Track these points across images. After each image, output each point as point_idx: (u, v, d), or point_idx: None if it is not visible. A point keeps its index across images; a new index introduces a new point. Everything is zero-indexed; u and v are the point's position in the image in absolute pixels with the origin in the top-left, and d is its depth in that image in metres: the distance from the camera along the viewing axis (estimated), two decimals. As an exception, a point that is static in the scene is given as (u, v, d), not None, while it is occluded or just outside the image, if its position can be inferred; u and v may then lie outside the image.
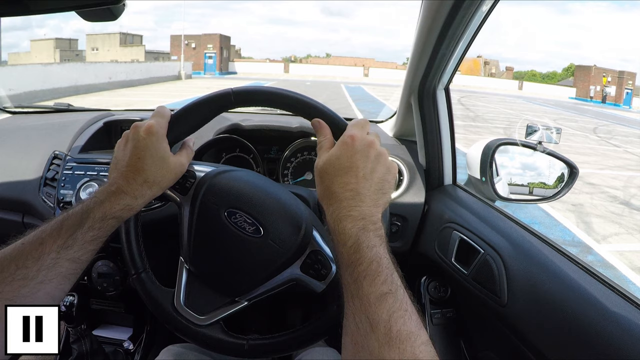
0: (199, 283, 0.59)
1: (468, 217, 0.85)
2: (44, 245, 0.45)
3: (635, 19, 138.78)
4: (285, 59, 53.75)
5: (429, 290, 0.99)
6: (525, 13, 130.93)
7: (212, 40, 34.43)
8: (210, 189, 0.58)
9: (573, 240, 3.58)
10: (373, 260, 0.42)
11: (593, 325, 0.54)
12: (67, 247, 0.46)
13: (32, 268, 0.44)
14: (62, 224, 0.47)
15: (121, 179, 0.51)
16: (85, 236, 0.47)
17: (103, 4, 0.56)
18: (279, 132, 1.06)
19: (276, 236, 0.57)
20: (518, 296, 0.66)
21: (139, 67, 18.88)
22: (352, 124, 0.52)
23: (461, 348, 0.93)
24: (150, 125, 0.52)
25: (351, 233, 0.44)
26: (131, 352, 1.12)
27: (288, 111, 0.59)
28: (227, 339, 0.59)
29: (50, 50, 32.18)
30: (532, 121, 0.95)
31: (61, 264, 0.46)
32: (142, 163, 0.51)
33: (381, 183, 0.49)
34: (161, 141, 0.53)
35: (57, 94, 9.81)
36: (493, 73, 49.46)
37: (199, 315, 0.59)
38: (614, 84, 37.17)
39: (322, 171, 0.49)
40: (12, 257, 0.44)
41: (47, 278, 0.44)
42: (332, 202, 0.48)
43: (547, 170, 1.01)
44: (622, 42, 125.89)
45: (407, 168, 1.03)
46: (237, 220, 0.57)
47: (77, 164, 1.00)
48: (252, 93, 0.58)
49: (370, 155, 0.49)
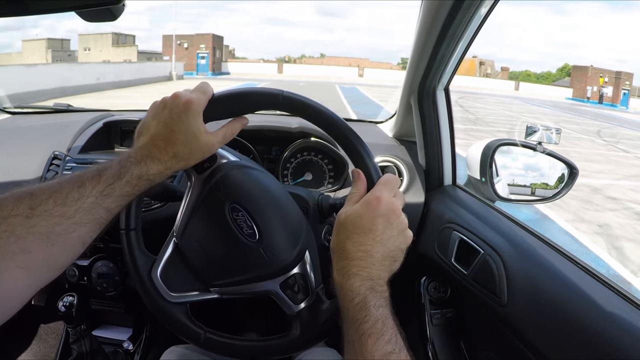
0: (180, 260, 0.59)
1: (468, 218, 0.85)
2: (84, 187, 0.45)
3: (628, 19, 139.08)
4: (280, 59, 53.01)
5: (429, 290, 0.99)
6: (519, 13, 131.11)
7: (204, 40, 33.78)
8: (224, 179, 0.58)
9: (608, 272, 3.15)
10: (379, 319, 0.43)
11: (593, 325, 0.54)
12: (105, 195, 0.46)
13: (71, 207, 0.44)
14: (101, 173, 0.47)
15: (153, 146, 0.50)
16: (122, 190, 0.48)
17: (103, 4, 0.56)
18: (278, 133, 1.06)
19: (269, 247, 0.56)
20: (518, 296, 0.66)
21: (129, 67, 18.12)
22: (382, 182, 0.52)
23: (461, 348, 0.93)
24: (190, 99, 0.51)
25: (359, 291, 0.45)
26: (131, 353, 1.12)
27: (324, 132, 0.57)
28: (187, 324, 0.59)
29: (43, 51, 31.74)
30: (533, 124, 0.95)
31: (97, 211, 0.46)
32: (175, 136, 0.50)
33: (395, 251, 0.50)
34: (197, 117, 0.52)
35: (42, 97, 9.08)
36: (488, 73, 49.27)
37: (170, 291, 0.58)
38: (610, 84, 37.02)
39: (341, 225, 0.50)
40: (51, 192, 0.44)
41: (83, 221, 0.45)
42: (343, 259, 0.48)
43: (547, 171, 1.01)
44: (616, 42, 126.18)
45: (407, 168, 1.03)
46: (238, 217, 0.57)
47: (76, 164, 1.00)
48: (300, 103, 0.56)
49: (392, 222, 0.49)
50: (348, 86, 23.44)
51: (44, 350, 1.30)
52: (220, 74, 33.61)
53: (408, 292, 1.05)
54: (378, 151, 1.05)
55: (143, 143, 0.51)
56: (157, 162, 0.50)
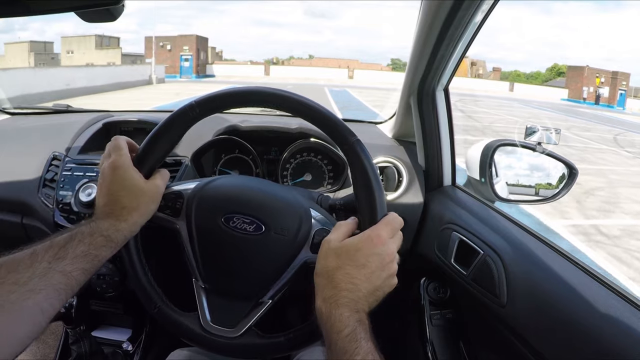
0: (218, 297, 0.60)
1: (467, 218, 0.85)
2: (35, 254, 0.45)
3: (615, 19, 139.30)
4: (267, 61, 51.99)
5: (429, 291, 0.99)
6: (507, 13, 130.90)
7: (188, 42, 32.43)
8: (202, 203, 0.59)
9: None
10: (369, 352, 0.43)
11: (592, 326, 0.54)
12: (59, 259, 0.46)
13: (23, 274, 0.43)
14: (52, 240, 0.48)
15: (102, 207, 0.54)
16: (75, 250, 0.48)
17: (102, 4, 0.56)
18: (278, 133, 1.06)
19: (278, 227, 0.57)
20: (517, 297, 0.66)
21: (104, 71, 16.59)
22: (386, 222, 0.52)
23: (460, 349, 0.93)
24: (111, 161, 0.55)
25: (348, 322, 0.45)
26: (130, 354, 1.12)
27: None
28: (264, 342, 0.59)
29: (25, 54, 30.78)
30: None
31: (52, 275, 0.45)
32: (116, 195, 0.54)
33: (378, 292, 0.50)
34: (127, 171, 0.54)
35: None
36: (480, 74, 48.55)
37: (230, 328, 0.58)
38: (607, 84, 36.49)
39: (333, 252, 0.50)
40: (3, 262, 0.44)
41: (38, 287, 0.44)
42: (331, 287, 0.48)
43: (546, 171, 1.01)
44: (604, 41, 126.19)
45: (406, 169, 1.03)
46: (236, 223, 0.57)
47: (76, 165, 0.99)
48: (215, 99, 0.56)
49: (385, 264, 0.49)
50: (338, 89, 22.24)
51: (43, 351, 1.30)
52: (204, 77, 32.51)
53: (408, 292, 1.05)
54: (378, 152, 1.04)
55: (97, 204, 0.55)
56: (107, 217, 0.53)
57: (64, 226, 0.94)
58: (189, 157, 0.99)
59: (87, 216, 0.92)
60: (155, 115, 1.18)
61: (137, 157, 0.56)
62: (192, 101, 0.56)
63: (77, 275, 0.48)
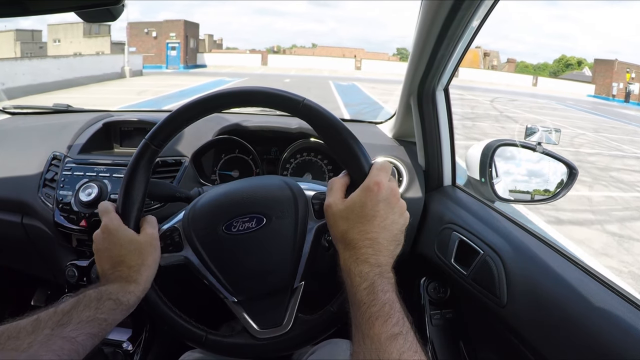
0: (255, 303, 0.60)
1: (467, 218, 0.85)
2: (39, 321, 0.44)
3: (621, 11, 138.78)
4: (268, 50, 48.63)
5: (429, 291, 0.99)
6: (512, 4, 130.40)
7: (175, 28, 27.89)
8: (198, 224, 0.59)
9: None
10: (386, 302, 0.44)
11: (592, 326, 0.54)
12: (62, 325, 0.45)
13: (24, 340, 0.42)
14: (57, 306, 0.47)
15: (107, 271, 0.53)
16: (80, 315, 0.47)
17: (102, 4, 0.56)
18: (278, 133, 1.06)
19: (277, 212, 0.58)
20: (517, 297, 0.66)
21: (59, 64, 13.04)
22: (377, 168, 0.51)
23: (460, 349, 0.93)
24: (103, 226, 0.54)
25: (367, 276, 0.46)
26: (130, 353, 1.12)
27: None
28: (317, 320, 0.59)
29: (11, 44, 26.92)
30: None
31: (55, 342, 0.44)
32: (120, 257, 0.53)
33: (399, 235, 0.50)
34: (119, 231, 0.54)
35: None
36: (495, 65, 45.17)
37: (279, 326, 0.59)
38: (638, 80, 30.79)
39: (340, 215, 0.49)
40: (5, 329, 0.43)
41: (39, 353, 0.42)
42: (349, 249, 0.48)
43: (546, 171, 1.01)
44: (610, 33, 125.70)
45: (406, 169, 1.03)
46: (237, 226, 0.58)
47: (76, 164, 0.99)
48: (163, 128, 0.55)
49: (393, 206, 0.49)
50: (345, 83, 18.33)
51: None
52: (194, 67, 28.24)
53: (408, 292, 1.05)
54: (377, 152, 1.04)
55: (100, 269, 0.54)
56: (115, 280, 0.52)
57: (64, 226, 0.94)
58: (189, 157, 0.99)
59: (87, 216, 0.92)
60: (155, 115, 1.17)
61: (121, 215, 0.56)
62: (145, 139, 0.56)
63: (83, 340, 0.46)
